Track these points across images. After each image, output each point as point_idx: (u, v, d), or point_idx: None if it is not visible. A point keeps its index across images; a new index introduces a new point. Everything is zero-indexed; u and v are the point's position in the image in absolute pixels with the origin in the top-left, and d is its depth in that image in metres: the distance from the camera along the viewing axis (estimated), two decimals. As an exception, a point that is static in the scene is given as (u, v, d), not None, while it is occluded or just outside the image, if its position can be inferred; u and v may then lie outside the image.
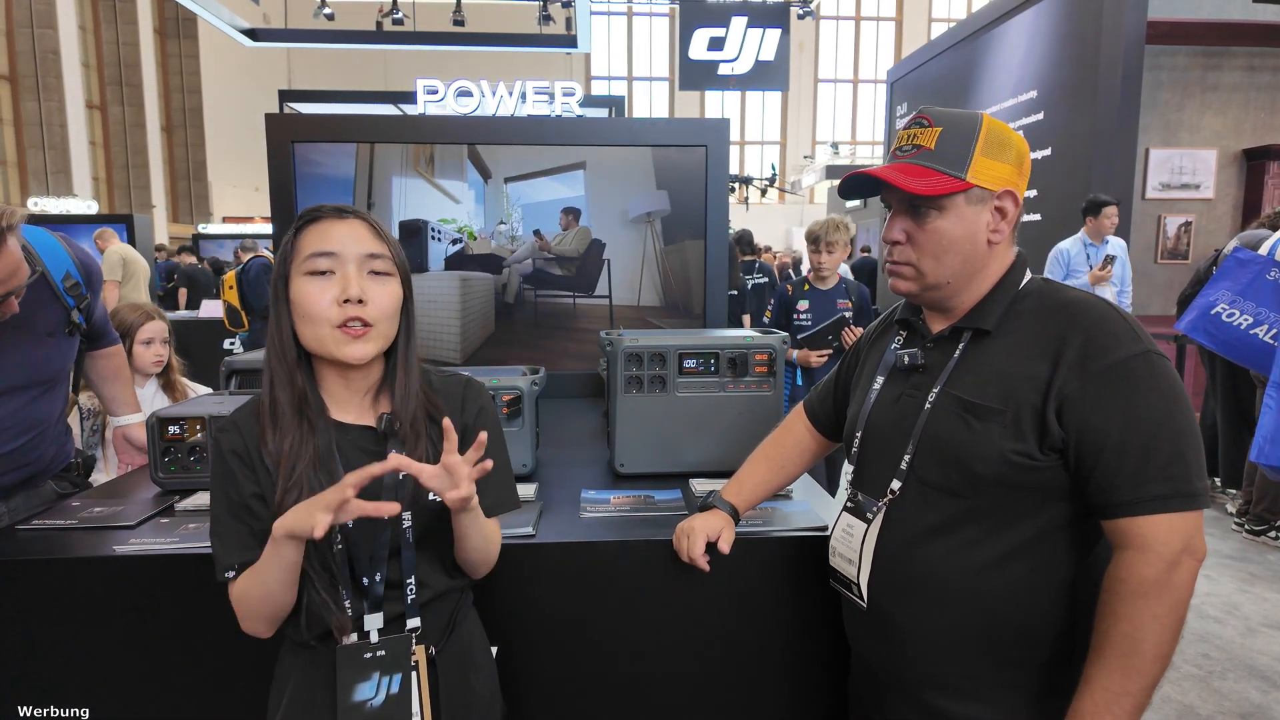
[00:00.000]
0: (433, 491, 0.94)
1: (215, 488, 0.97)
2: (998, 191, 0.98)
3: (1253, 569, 3.47)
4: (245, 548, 0.95)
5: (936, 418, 1.00)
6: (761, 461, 1.32)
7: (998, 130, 0.99)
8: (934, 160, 0.98)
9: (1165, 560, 0.87)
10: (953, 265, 1.00)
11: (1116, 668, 0.87)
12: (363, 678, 0.97)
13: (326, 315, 0.93)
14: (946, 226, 0.99)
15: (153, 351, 2.34)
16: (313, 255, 0.94)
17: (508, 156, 2.50)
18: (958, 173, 0.96)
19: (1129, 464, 0.88)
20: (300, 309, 0.94)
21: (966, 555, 0.98)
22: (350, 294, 0.93)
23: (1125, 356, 0.90)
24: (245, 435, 0.97)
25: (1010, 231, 1.02)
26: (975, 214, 0.98)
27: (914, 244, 1.01)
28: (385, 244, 0.98)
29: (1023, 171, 1.00)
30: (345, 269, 0.94)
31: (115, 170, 14.45)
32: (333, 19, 12.30)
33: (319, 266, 0.94)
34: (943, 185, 0.97)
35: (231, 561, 0.95)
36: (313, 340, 0.94)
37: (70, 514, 1.39)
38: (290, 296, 0.95)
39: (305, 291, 0.93)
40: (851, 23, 21.46)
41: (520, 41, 11.60)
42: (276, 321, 0.96)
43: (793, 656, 1.31)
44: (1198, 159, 5.82)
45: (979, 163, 0.97)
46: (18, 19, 11.83)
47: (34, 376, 1.53)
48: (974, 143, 0.97)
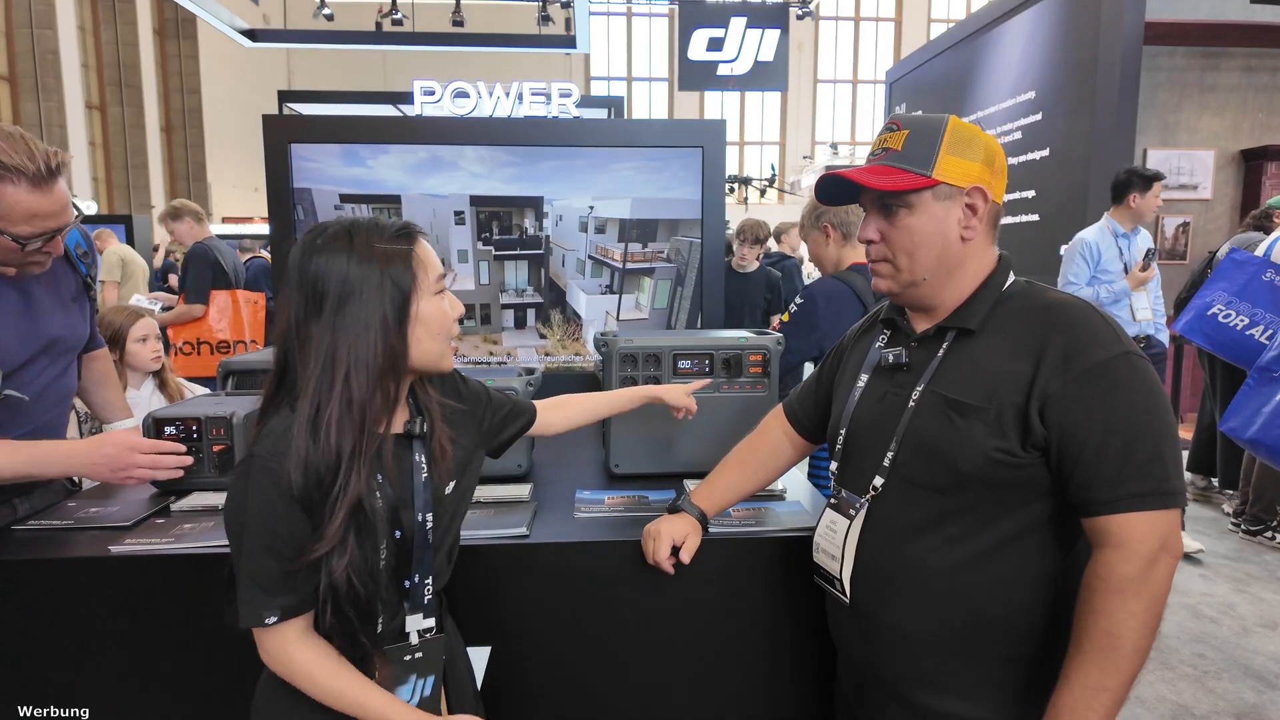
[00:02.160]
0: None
1: (254, 523, 0.88)
2: (966, 188, 1.01)
3: (1249, 569, 3.48)
4: (290, 589, 0.90)
5: (921, 415, 1.02)
6: (734, 465, 1.33)
7: (964, 130, 1.02)
8: (901, 160, 1.01)
9: (1143, 558, 0.88)
10: (926, 262, 1.02)
11: (1095, 663, 0.89)
12: (402, 681, 0.97)
13: (451, 331, 1.00)
14: (916, 223, 1.01)
15: (149, 348, 2.34)
16: (440, 276, 0.99)
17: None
18: (923, 170, 1.00)
19: (1109, 463, 0.90)
20: (436, 326, 0.97)
21: (948, 552, 1.00)
22: (460, 311, 1.02)
23: (1106, 358, 0.92)
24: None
25: (986, 229, 1.03)
26: (945, 210, 1.01)
27: (888, 242, 1.04)
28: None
29: (995, 170, 1.02)
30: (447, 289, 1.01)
31: (114, 171, 14.44)
32: (332, 19, 12.29)
33: (442, 286, 0.99)
34: (906, 181, 1.00)
35: (275, 605, 0.89)
36: (430, 355, 0.98)
37: (66, 514, 1.40)
38: (419, 315, 0.95)
39: (439, 310, 0.98)
40: (850, 23, 21.45)
41: (519, 42, 11.60)
42: (385, 339, 0.91)
43: (786, 656, 1.32)
44: (1195, 159, 5.83)
45: (944, 160, 0.99)
46: (17, 20, 11.82)
47: (69, 341, 1.53)
48: (939, 142, 1.00)
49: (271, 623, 0.89)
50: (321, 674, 0.91)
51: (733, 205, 16.31)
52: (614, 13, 20.62)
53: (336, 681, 0.92)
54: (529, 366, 1.86)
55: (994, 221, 1.05)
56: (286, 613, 0.89)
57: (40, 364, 1.44)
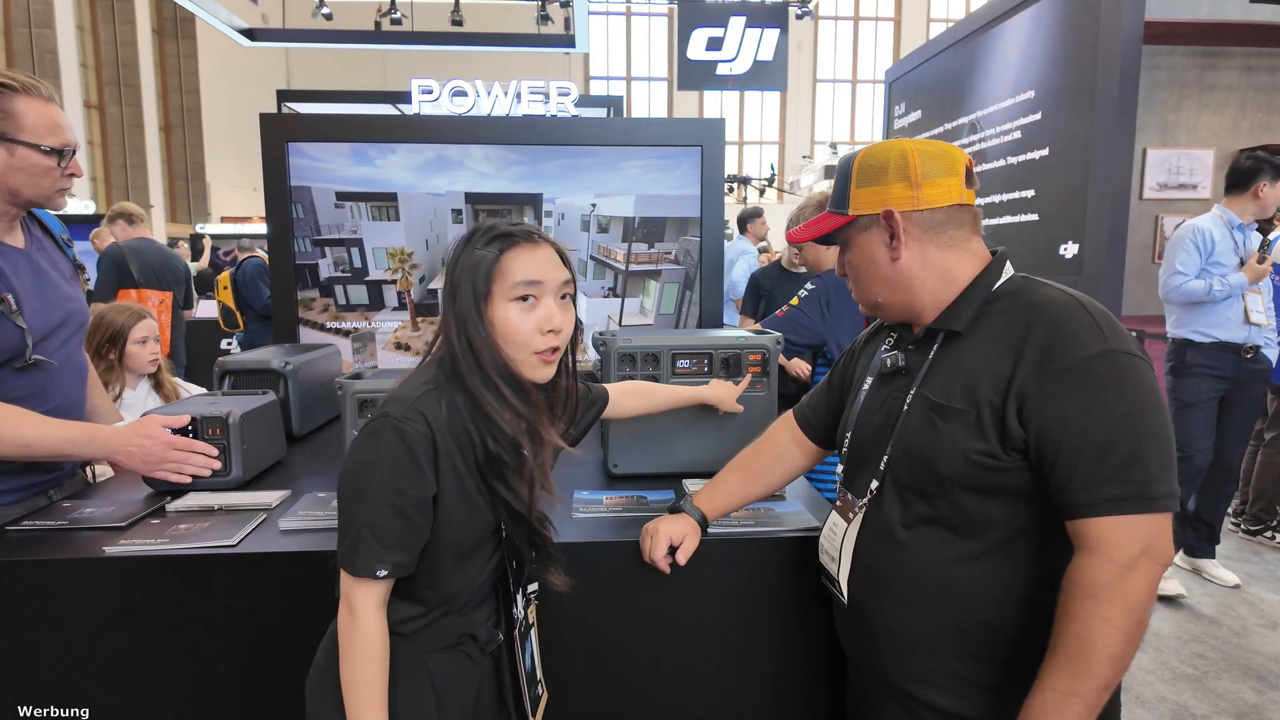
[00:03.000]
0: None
1: (384, 478, 0.92)
2: (879, 214, 1.03)
3: (1249, 569, 3.47)
4: (405, 547, 0.94)
5: (909, 419, 1.03)
6: (739, 470, 1.33)
7: (872, 158, 1.05)
8: (831, 206, 1.11)
9: (1118, 563, 0.87)
10: (871, 287, 1.09)
11: (1066, 668, 0.88)
12: (524, 649, 1.08)
13: (530, 343, 0.98)
14: (853, 257, 1.10)
15: (148, 350, 2.33)
16: (521, 283, 0.97)
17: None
18: (842, 210, 1.08)
19: (1084, 465, 0.89)
20: (505, 333, 0.97)
21: (937, 553, 1.00)
22: (555, 325, 0.99)
23: (1085, 356, 0.90)
24: (436, 431, 0.94)
25: (925, 239, 1.02)
26: (867, 239, 1.06)
27: (848, 274, 1.13)
28: (571, 270, 1.03)
29: (914, 180, 1.01)
30: (546, 298, 0.99)
31: (113, 170, 14.42)
32: (331, 19, 12.28)
33: (526, 293, 0.97)
34: (824, 226, 1.10)
35: (388, 559, 0.92)
36: (511, 360, 0.99)
37: (60, 515, 1.38)
38: (492, 318, 0.97)
39: (512, 319, 0.97)
40: (850, 23, 21.45)
41: (519, 41, 11.58)
42: (475, 333, 0.97)
43: (789, 656, 1.31)
44: (1195, 159, 5.82)
45: (856, 195, 1.06)
46: (15, 19, 11.80)
47: (80, 316, 1.53)
48: (849, 179, 1.06)
49: (382, 575, 0.92)
50: (380, 645, 0.94)
51: (731, 205, 16.31)
52: (613, 12, 20.62)
53: (374, 663, 0.93)
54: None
55: (931, 227, 1.02)
56: (396, 569, 0.93)
57: (60, 336, 1.45)
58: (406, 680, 0.98)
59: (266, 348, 2.18)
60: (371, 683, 0.93)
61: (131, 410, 2.30)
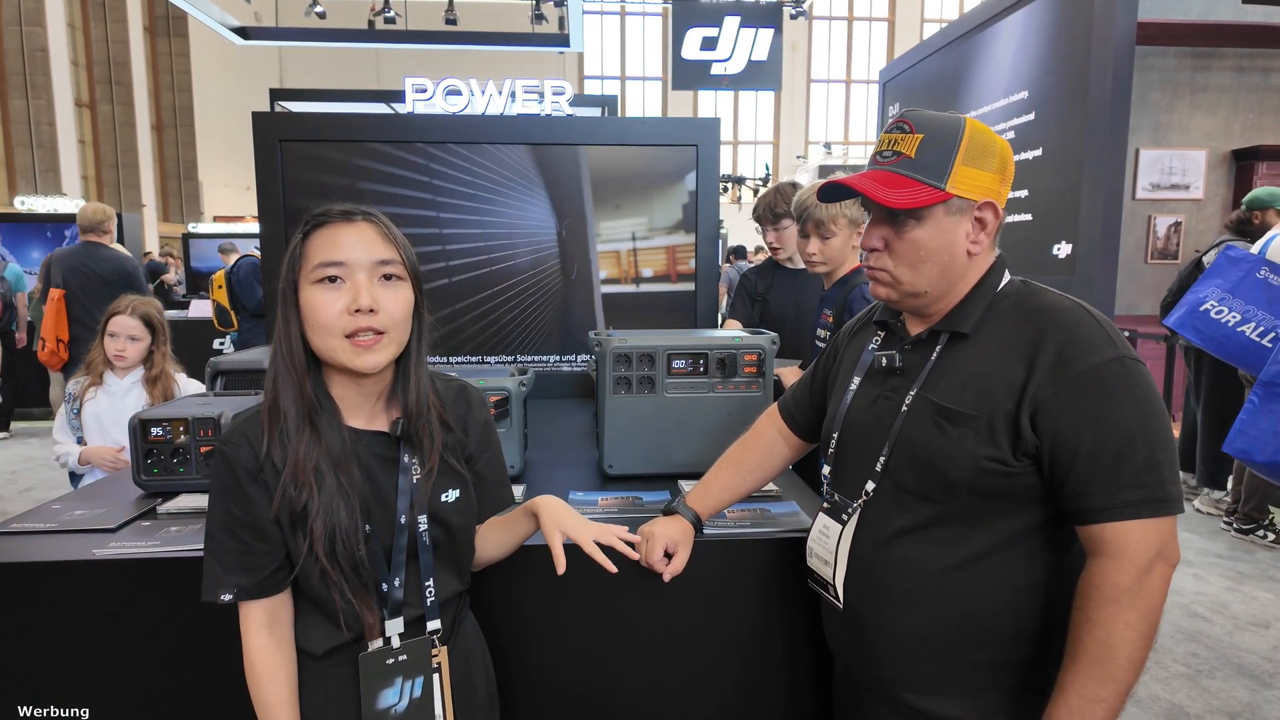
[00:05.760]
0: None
1: (216, 503, 0.93)
2: (979, 202, 0.97)
3: (1241, 568, 3.49)
4: (245, 570, 0.92)
5: (912, 422, 1.00)
6: (729, 466, 1.30)
7: (981, 137, 0.96)
8: (914, 169, 0.96)
9: (1138, 566, 0.87)
10: (930, 275, 0.99)
11: (1091, 674, 0.87)
12: (386, 684, 0.97)
13: (337, 325, 0.90)
14: (924, 237, 0.97)
15: (115, 345, 2.29)
16: (321, 264, 0.90)
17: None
18: (937, 182, 0.95)
19: (1102, 470, 0.88)
20: (310, 319, 0.91)
21: (938, 557, 0.98)
22: (361, 304, 0.90)
23: (1099, 362, 0.90)
24: (256, 449, 0.92)
25: (990, 241, 1.01)
26: (954, 224, 0.97)
27: (891, 252, 1.00)
28: (395, 247, 0.95)
29: (1005, 178, 0.99)
30: (355, 277, 0.91)
31: (105, 169, 14.34)
32: (324, 17, 12.22)
33: (328, 274, 0.91)
34: (921, 197, 0.95)
35: (232, 583, 0.91)
36: (324, 349, 0.92)
37: (50, 517, 1.37)
38: (299, 304, 0.92)
39: (315, 301, 0.91)
40: (844, 23, 21.47)
41: (513, 40, 11.57)
42: (285, 328, 0.93)
43: (782, 658, 1.31)
44: (1187, 159, 5.85)
45: (960, 172, 0.95)
46: (6, 17, 11.72)
47: None
48: (955, 151, 0.95)
49: (226, 600, 0.91)
50: (260, 665, 0.93)
51: (726, 204, 16.31)
52: (607, 11, 20.58)
53: (261, 684, 0.93)
54: (522, 365, 1.85)
55: (998, 230, 1.01)
56: (242, 593, 0.92)
57: None
58: (317, 708, 0.97)
59: (259, 348, 2.16)
60: (265, 704, 0.93)
61: (110, 397, 2.30)
